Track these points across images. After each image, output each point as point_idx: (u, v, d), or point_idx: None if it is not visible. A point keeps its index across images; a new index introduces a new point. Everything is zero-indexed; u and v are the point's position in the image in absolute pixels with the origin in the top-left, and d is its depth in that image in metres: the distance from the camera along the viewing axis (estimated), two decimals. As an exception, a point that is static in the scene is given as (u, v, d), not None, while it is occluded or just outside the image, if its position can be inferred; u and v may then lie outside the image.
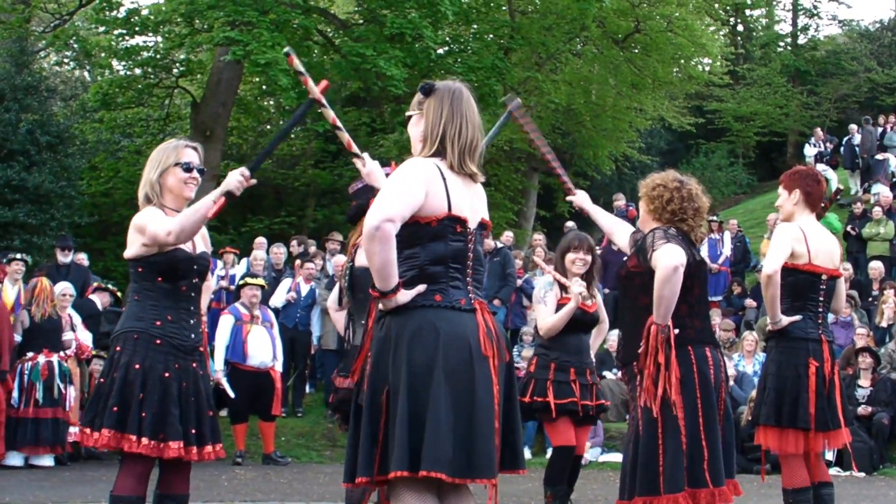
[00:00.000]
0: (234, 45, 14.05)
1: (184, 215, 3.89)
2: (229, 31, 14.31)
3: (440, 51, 16.69)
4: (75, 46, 18.36)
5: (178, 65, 17.62)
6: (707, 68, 24.21)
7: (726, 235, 14.87)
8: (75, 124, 17.77)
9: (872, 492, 8.59)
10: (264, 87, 19.05)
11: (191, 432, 3.95)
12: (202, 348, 4.14)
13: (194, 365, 4.05)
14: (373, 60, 14.38)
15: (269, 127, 22.88)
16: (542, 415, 6.20)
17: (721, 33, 26.28)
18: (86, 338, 10.04)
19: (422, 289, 3.22)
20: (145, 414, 3.86)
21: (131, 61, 17.03)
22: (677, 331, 4.22)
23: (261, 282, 10.23)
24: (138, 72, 17.31)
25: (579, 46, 20.69)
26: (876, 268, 13.12)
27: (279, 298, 11.47)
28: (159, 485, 4.09)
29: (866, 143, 18.97)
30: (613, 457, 10.23)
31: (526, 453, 9.82)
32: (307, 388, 12.06)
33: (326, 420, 11.17)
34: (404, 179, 3.22)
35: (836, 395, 5.02)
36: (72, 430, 9.37)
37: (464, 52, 17.46)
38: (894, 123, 19.79)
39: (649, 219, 4.48)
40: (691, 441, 4.20)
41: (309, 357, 11.89)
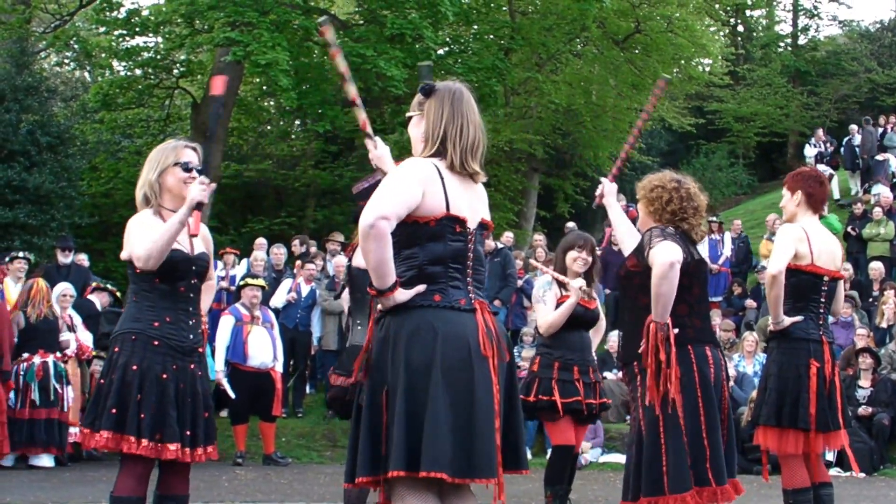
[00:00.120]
0: (235, 46, 14.04)
1: (160, 238, 3.84)
2: (230, 31, 14.30)
3: (440, 51, 16.67)
4: (76, 47, 18.37)
5: (178, 65, 17.61)
6: (707, 69, 24.19)
7: (727, 236, 14.87)
8: (76, 125, 17.77)
9: (873, 492, 8.58)
10: (265, 87, 19.04)
11: (185, 434, 3.95)
12: (201, 349, 4.12)
13: (192, 366, 4.04)
14: (373, 61, 14.37)
15: (269, 127, 22.88)
16: (545, 413, 6.19)
17: (721, 34, 26.27)
18: (86, 338, 10.03)
19: (421, 289, 3.21)
20: (144, 415, 3.86)
21: (132, 62, 17.02)
22: (677, 330, 4.22)
23: (261, 282, 10.23)
24: (139, 72, 17.31)
25: (580, 47, 20.70)
26: (876, 268, 13.12)
27: (279, 299, 11.48)
28: (159, 485, 4.09)
29: (866, 143, 18.95)
30: (614, 457, 10.23)
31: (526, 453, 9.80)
32: (307, 389, 12.07)
33: (327, 420, 11.18)
34: (400, 178, 3.22)
35: (836, 397, 5.03)
36: (72, 430, 9.38)
37: (464, 53, 17.44)
38: (894, 124, 19.78)
39: (649, 220, 4.48)
40: (693, 440, 4.20)
41: (309, 357, 11.89)
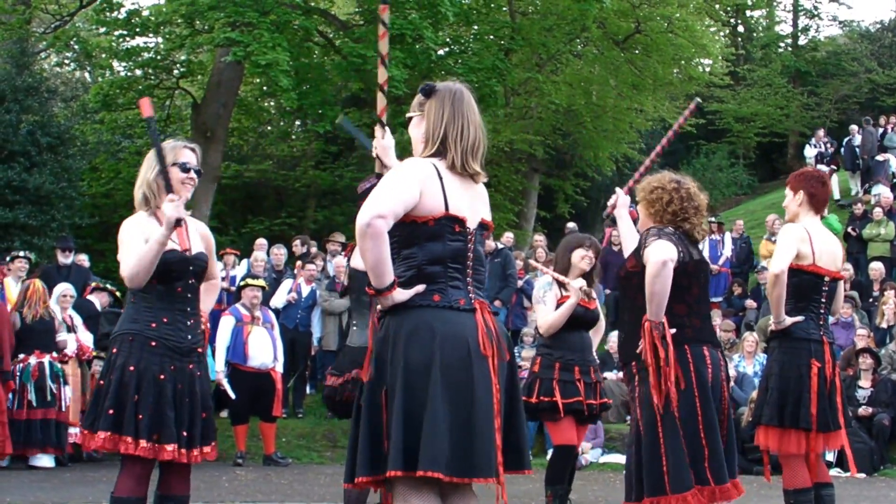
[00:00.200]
0: (235, 46, 14.04)
1: (138, 252, 3.85)
2: (230, 32, 14.30)
3: (441, 52, 16.67)
4: (76, 47, 18.36)
5: (178, 66, 17.61)
6: (707, 69, 24.18)
7: (727, 236, 14.87)
8: (76, 125, 17.77)
9: (873, 493, 8.58)
10: (265, 87, 19.04)
11: (182, 435, 3.95)
12: (200, 349, 4.10)
13: (191, 366, 4.03)
14: (373, 61, 14.37)
15: (269, 128, 22.87)
16: (546, 414, 6.19)
17: (721, 34, 26.27)
18: (87, 339, 10.02)
19: (420, 289, 3.21)
20: (141, 416, 3.86)
21: (132, 62, 17.03)
22: (674, 330, 4.22)
23: (261, 283, 10.23)
24: (139, 73, 17.31)
25: (580, 47, 20.68)
26: (876, 269, 13.12)
27: (280, 299, 11.48)
28: (159, 486, 4.09)
29: (867, 143, 18.95)
30: (614, 458, 10.22)
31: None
32: (308, 389, 12.06)
33: (327, 421, 11.17)
34: (398, 177, 3.21)
35: (836, 397, 5.03)
36: (72, 430, 9.37)
37: (464, 53, 17.44)
38: (895, 124, 19.78)
39: (650, 222, 4.48)
40: (690, 440, 4.21)
41: (309, 358, 11.89)
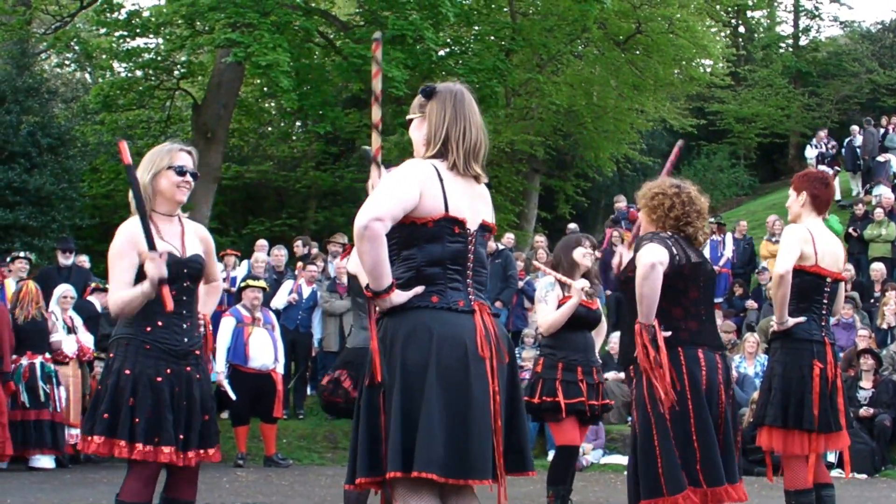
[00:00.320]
0: (235, 47, 14.05)
1: (123, 296, 3.85)
2: (230, 32, 14.31)
3: (441, 52, 16.66)
4: (76, 48, 18.36)
5: (179, 66, 17.63)
6: (708, 70, 24.19)
7: (728, 237, 14.86)
8: (76, 126, 17.80)
9: (874, 493, 8.56)
10: (265, 88, 19.04)
11: (179, 438, 3.93)
12: (198, 352, 4.08)
13: (188, 369, 4.00)
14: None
15: (269, 128, 22.88)
16: (549, 414, 6.18)
17: (722, 35, 26.28)
18: (87, 340, 10.01)
19: (419, 290, 3.20)
20: (138, 419, 3.84)
21: (132, 63, 17.04)
22: (669, 333, 4.22)
23: (262, 284, 10.23)
24: (139, 74, 17.33)
25: (580, 48, 20.68)
26: (878, 269, 13.11)
27: (280, 300, 11.47)
28: (166, 489, 4.07)
29: (868, 144, 18.94)
30: (615, 459, 10.21)
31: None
32: (308, 390, 12.04)
33: (328, 422, 11.16)
34: (397, 179, 3.20)
35: (838, 398, 5.02)
36: (73, 431, 9.36)
37: (465, 54, 17.44)
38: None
39: (651, 228, 4.47)
40: (681, 443, 4.20)
41: (310, 359, 11.88)
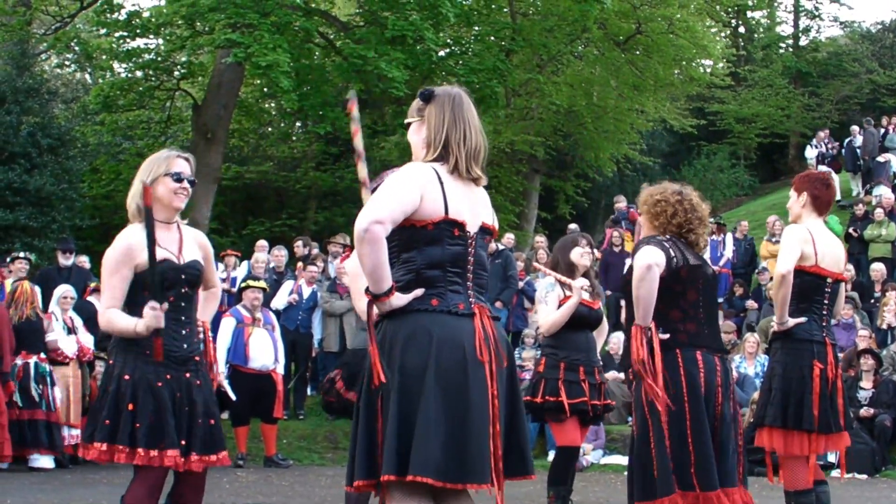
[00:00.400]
0: (236, 48, 14.05)
1: (116, 321, 3.86)
2: (230, 33, 14.31)
3: (441, 53, 16.66)
4: (76, 49, 18.38)
5: (179, 67, 17.63)
6: (708, 70, 24.19)
7: (728, 237, 14.86)
8: (76, 127, 17.81)
9: (875, 494, 8.56)
10: (265, 89, 19.04)
11: (181, 443, 3.92)
12: (197, 358, 4.06)
13: (188, 375, 3.99)
14: (374, 62, 14.38)
15: (269, 129, 22.88)
16: (551, 414, 6.18)
17: (722, 35, 26.28)
18: (87, 340, 10.01)
19: (419, 293, 3.19)
20: (139, 424, 3.83)
21: (132, 64, 17.05)
22: (667, 335, 4.22)
23: (262, 284, 10.23)
24: (139, 74, 17.33)
25: (581, 48, 20.68)
26: (878, 269, 13.11)
27: (281, 301, 11.47)
28: (171, 495, 4.05)
29: (868, 144, 18.94)
30: (615, 459, 10.21)
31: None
32: (308, 391, 12.04)
33: (328, 422, 11.16)
34: (398, 182, 3.20)
35: (838, 398, 5.02)
36: (74, 432, 9.35)
37: (465, 54, 17.43)
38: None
39: (653, 234, 4.47)
40: (676, 445, 4.20)
41: (310, 359, 11.87)
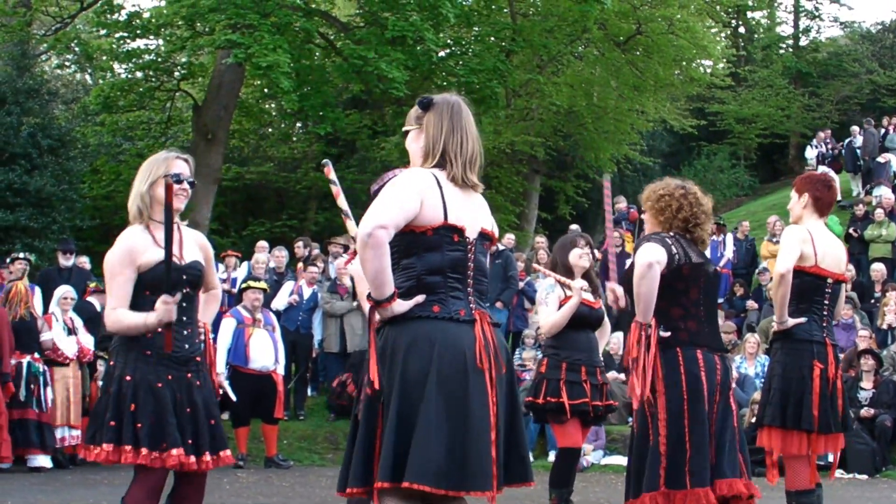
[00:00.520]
0: (236, 48, 14.04)
1: (124, 318, 3.87)
2: (231, 34, 14.30)
3: (441, 53, 16.66)
4: (76, 50, 18.37)
5: (179, 68, 17.62)
6: (709, 70, 24.19)
7: (728, 237, 14.86)
8: (77, 127, 17.79)
9: (875, 494, 8.57)
10: (266, 89, 19.04)
11: (188, 443, 3.91)
12: (199, 358, 4.06)
13: (189, 376, 3.99)
14: (374, 63, 14.37)
15: (270, 130, 22.87)
16: (553, 415, 6.17)
17: (722, 35, 26.26)
18: (87, 341, 10.01)
19: (420, 299, 3.20)
20: (141, 425, 3.83)
21: (133, 64, 17.04)
22: (668, 333, 4.22)
23: (263, 285, 10.23)
24: (140, 75, 17.32)
25: (581, 49, 20.67)
26: (878, 270, 13.12)
27: (281, 301, 11.47)
28: (171, 495, 4.05)
29: (868, 145, 18.95)
30: (616, 459, 10.20)
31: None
32: (309, 391, 12.05)
33: (329, 423, 11.17)
34: (399, 188, 3.21)
35: (838, 399, 5.02)
36: (75, 433, 9.35)
37: (465, 55, 17.42)
38: (896, 125, 19.78)
39: (658, 230, 4.47)
40: (672, 443, 4.20)
41: (311, 360, 11.87)
